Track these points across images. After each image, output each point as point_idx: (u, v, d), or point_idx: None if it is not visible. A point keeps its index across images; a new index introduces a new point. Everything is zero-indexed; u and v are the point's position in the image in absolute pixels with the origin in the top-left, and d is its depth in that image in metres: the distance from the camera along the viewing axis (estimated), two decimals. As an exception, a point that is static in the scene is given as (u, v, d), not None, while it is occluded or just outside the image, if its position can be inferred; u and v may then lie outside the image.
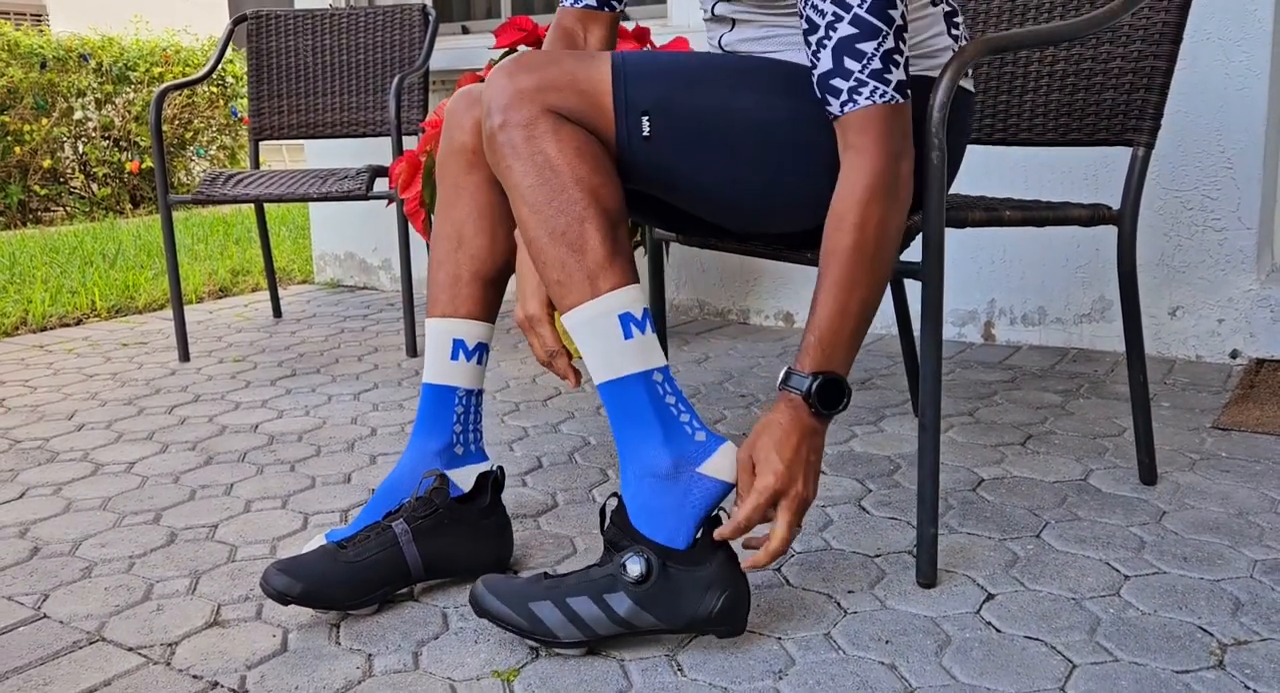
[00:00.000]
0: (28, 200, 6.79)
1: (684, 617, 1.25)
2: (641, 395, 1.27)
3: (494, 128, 1.29)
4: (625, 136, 1.31)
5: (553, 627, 1.24)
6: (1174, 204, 2.52)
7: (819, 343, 1.26)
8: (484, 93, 1.31)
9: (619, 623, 1.24)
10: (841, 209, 1.25)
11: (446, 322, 1.48)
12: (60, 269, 4.35)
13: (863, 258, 1.24)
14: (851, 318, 1.26)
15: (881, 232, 1.25)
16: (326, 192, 2.73)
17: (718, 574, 1.26)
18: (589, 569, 1.28)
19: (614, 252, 1.27)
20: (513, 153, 1.28)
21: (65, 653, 1.32)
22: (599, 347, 1.27)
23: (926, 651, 1.26)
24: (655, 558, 1.24)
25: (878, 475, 1.84)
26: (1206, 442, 1.96)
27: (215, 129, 7.89)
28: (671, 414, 1.28)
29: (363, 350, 2.94)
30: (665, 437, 1.27)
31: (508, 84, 1.28)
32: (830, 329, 1.26)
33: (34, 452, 2.11)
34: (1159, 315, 2.57)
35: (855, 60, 1.23)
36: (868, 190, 1.24)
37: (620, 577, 1.24)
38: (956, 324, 2.84)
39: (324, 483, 1.89)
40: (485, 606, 1.27)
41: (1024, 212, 1.57)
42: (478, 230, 1.48)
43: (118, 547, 1.63)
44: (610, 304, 1.26)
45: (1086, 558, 1.49)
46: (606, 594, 1.24)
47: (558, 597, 1.25)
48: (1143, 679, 1.18)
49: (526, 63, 1.30)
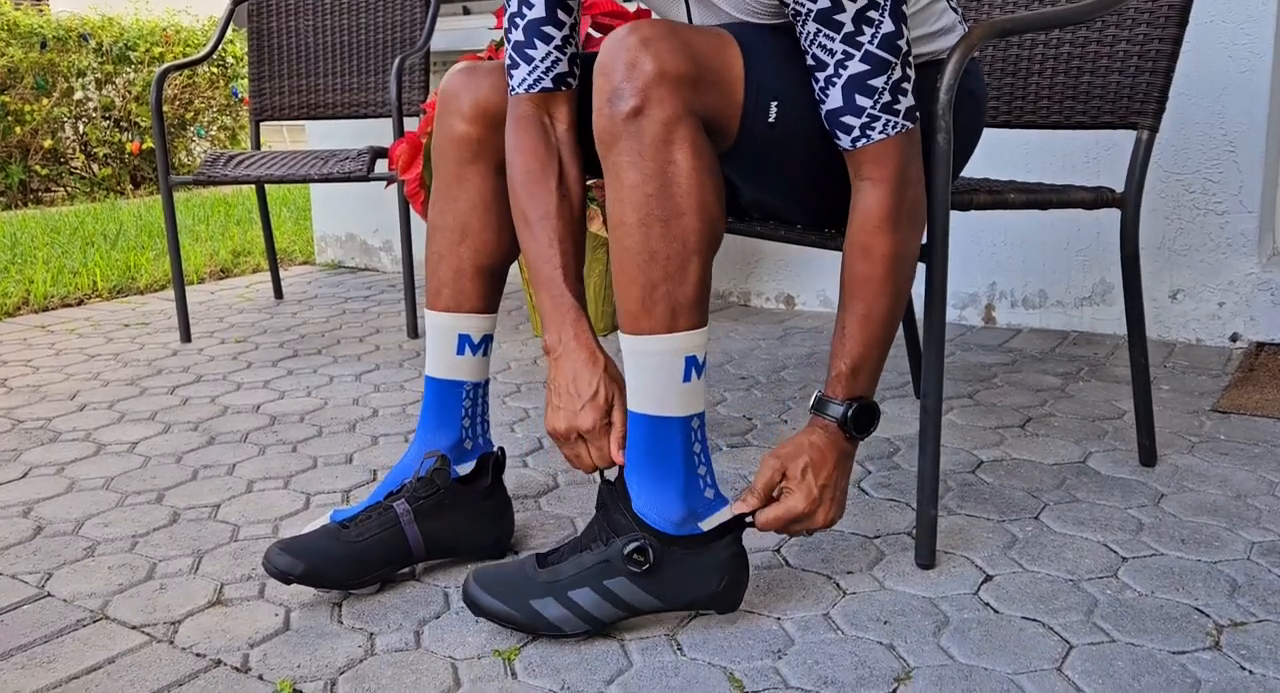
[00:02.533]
0: (28, 180, 6.79)
1: (686, 598, 1.26)
2: (677, 439, 1.24)
3: (622, 113, 1.16)
4: (749, 124, 1.24)
5: (557, 622, 1.23)
6: (1176, 187, 2.52)
7: (851, 371, 1.29)
8: (609, 63, 1.17)
9: (622, 607, 1.24)
10: (864, 240, 1.25)
11: (451, 317, 1.45)
12: (61, 249, 4.35)
13: (889, 286, 1.26)
14: (881, 343, 1.29)
15: (904, 257, 1.27)
16: (327, 173, 2.73)
17: (721, 558, 1.27)
18: (582, 554, 1.25)
19: (706, 289, 1.23)
20: (639, 152, 1.16)
21: (69, 631, 1.32)
22: (655, 381, 1.23)
23: (925, 631, 1.27)
24: (657, 543, 1.24)
25: (877, 457, 1.85)
26: (1206, 425, 1.96)
27: (216, 110, 7.88)
28: (694, 465, 1.26)
29: (364, 331, 2.94)
30: (684, 488, 1.25)
31: (646, 61, 1.15)
32: (862, 357, 1.28)
33: (37, 432, 2.11)
34: (1160, 299, 2.58)
35: (867, 96, 1.21)
36: (889, 221, 1.24)
37: (618, 562, 1.23)
38: (957, 307, 2.84)
39: (325, 463, 1.89)
40: (483, 605, 1.25)
41: (1028, 194, 1.57)
42: (484, 225, 1.44)
43: (120, 526, 1.64)
44: (683, 344, 1.22)
45: (1085, 540, 1.50)
46: (607, 581, 1.23)
47: (559, 592, 1.23)
48: (1139, 660, 1.19)
49: (664, 37, 1.16)
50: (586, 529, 1.28)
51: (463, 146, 1.42)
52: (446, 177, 1.45)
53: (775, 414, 2.10)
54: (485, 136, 1.42)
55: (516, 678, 1.19)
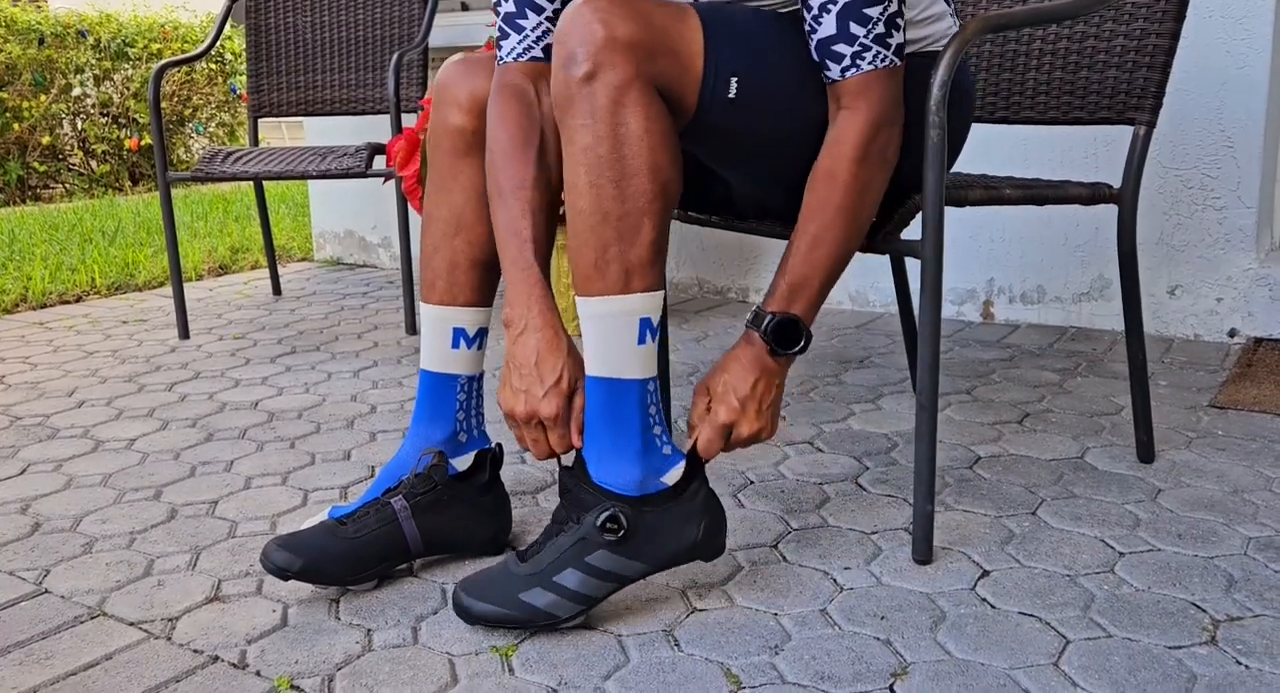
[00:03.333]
0: (27, 177, 6.78)
1: (669, 553, 1.28)
2: (633, 401, 1.25)
3: (575, 78, 1.18)
4: (709, 98, 1.25)
5: (550, 609, 1.24)
6: (1174, 183, 2.52)
7: (788, 288, 1.29)
8: (566, 30, 1.19)
9: (611, 579, 1.25)
10: (831, 166, 1.26)
11: (445, 309, 1.45)
12: (60, 246, 4.35)
13: (846, 215, 1.27)
14: (825, 270, 1.29)
15: (868, 191, 1.27)
16: (325, 169, 2.72)
17: (693, 507, 1.29)
18: (557, 539, 1.25)
19: (660, 251, 1.24)
20: (591, 114, 1.18)
21: (67, 627, 1.33)
22: (610, 342, 1.24)
23: (921, 626, 1.27)
24: (626, 508, 1.24)
25: (875, 453, 1.85)
26: (1203, 420, 1.97)
27: (214, 106, 7.87)
28: (649, 425, 1.27)
29: (362, 328, 2.94)
30: (642, 448, 1.26)
31: (599, 28, 1.17)
32: (803, 277, 1.28)
33: (35, 428, 2.11)
34: (1158, 294, 2.58)
35: (861, 25, 1.23)
36: (861, 149, 1.25)
37: (594, 536, 1.24)
38: (955, 303, 2.84)
39: (324, 460, 1.89)
40: (476, 612, 1.25)
41: (1024, 190, 1.57)
42: (478, 217, 1.43)
43: (118, 523, 1.64)
44: (637, 305, 1.23)
45: (1082, 535, 1.50)
46: (588, 557, 1.24)
47: (544, 580, 1.24)
48: (1135, 655, 1.19)
49: (619, 4, 1.19)
50: (555, 515, 1.29)
51: (457, 138, 1.42)
52: (441, 168, 1.44)
53: (773, 410, 2.10)
54: (480, 128, 1.41)
55: (514, 674, 1.19)
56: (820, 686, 1.15)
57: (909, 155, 1.37)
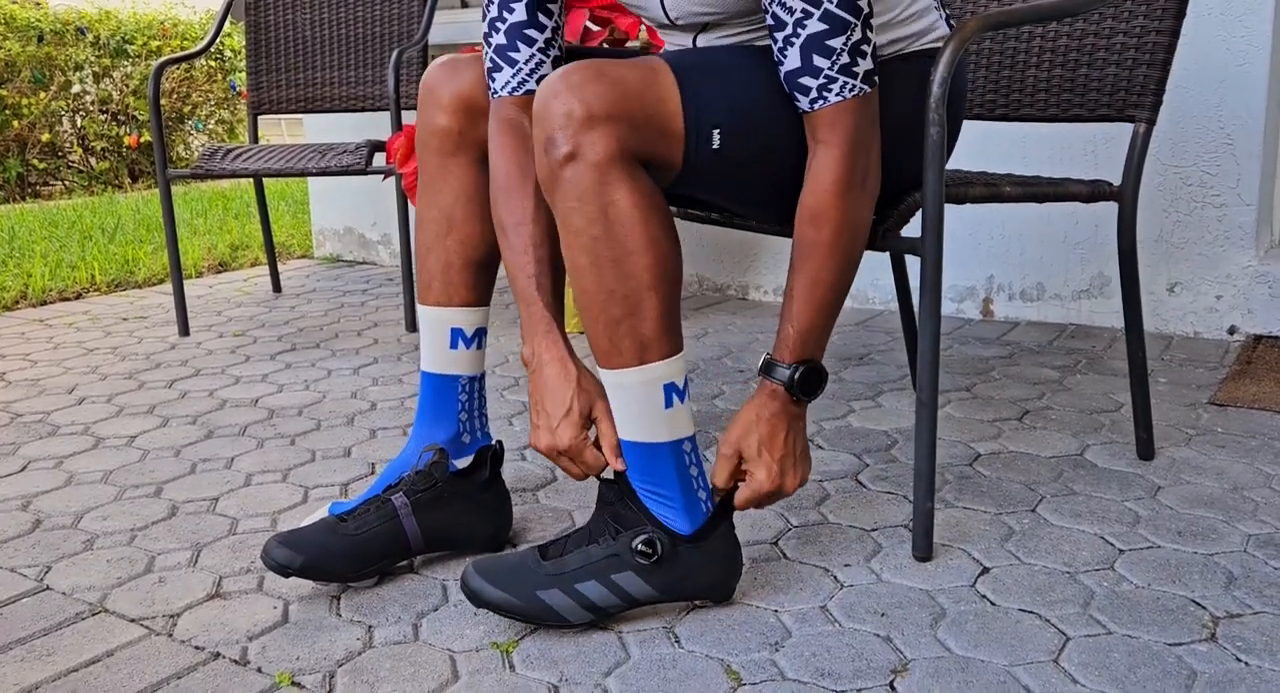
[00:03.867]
0: (26, 174, 6.78)
1: (688, 590, 1.29)
2: (668, 463, 1.27)
3: (558, 159, 1.18)
4: (693, 154, 1.25)
5: (563, 612, 1.25)
6: (1173, 180, 2.52)
7: (798, 335, 1.28)
8: (542, 110, 1.19)
9: (626, 600, 1.26)
10: (814, 204, 1.25)
11: (442, 311, 1.46)
12: (59, 243, 4.35)
13: (838, 252, 1.26)
14: (829, 308, 1.28)
15: (854, 223, 1.26)
16: (325, 166, 2.72)
17: (721, 548, 1.30)
18: (589, 548, 1.27)
19: (672, 318, 1.24)
20: (579, 197, 1.18)
21: (68, 624, 1.33)
22: (636, 410, 1.25)
23: (921, 623, 1.27)
24: (666, 538, 1.26)
25: (875, 450, 1.85)
26: (1203, 417, 1.97)
27: (214, 103, 7.86)
28: (692, 486, 1.29)
29: (362, 325, 2.94)
30: (685, 505, 1.28)
31: (576, 106, 1.16)
32: (810, 322, 1.28)
33: (35, 425, 2.11)
34: (1157, 292, 2.58)
35: (824, 57, 1.20)
36: (839, 184, 1.23)
37: (627, 557, 1.25)
38: (955, 300, 2.84)
39: (324, 457, 1.90)
40: (487, 596, 1.25)
41: (1024, 187, 1.57)
42: (467, 216, 1.44)
43: (119, 519, 1.64)
44: (657, 374, 1.24)
45: (1081, 532, 1.50)
46: (614, 575, 1.25)
47: (565, 584, 1.25)
48: (1135, 652, 1.19)
49: (593, 79, 1.18)
50: (592, 524, 1.30)
51: (444, 139, 1.43)
52: (430, 169, 1.45)
53: (773, 407, 2.10)
54: (466, 128, 1.42)
55: (514, 670, 1.19)
56: (820, 682, 1.15)
57: (908, 154, 1.38)
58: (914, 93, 1.36)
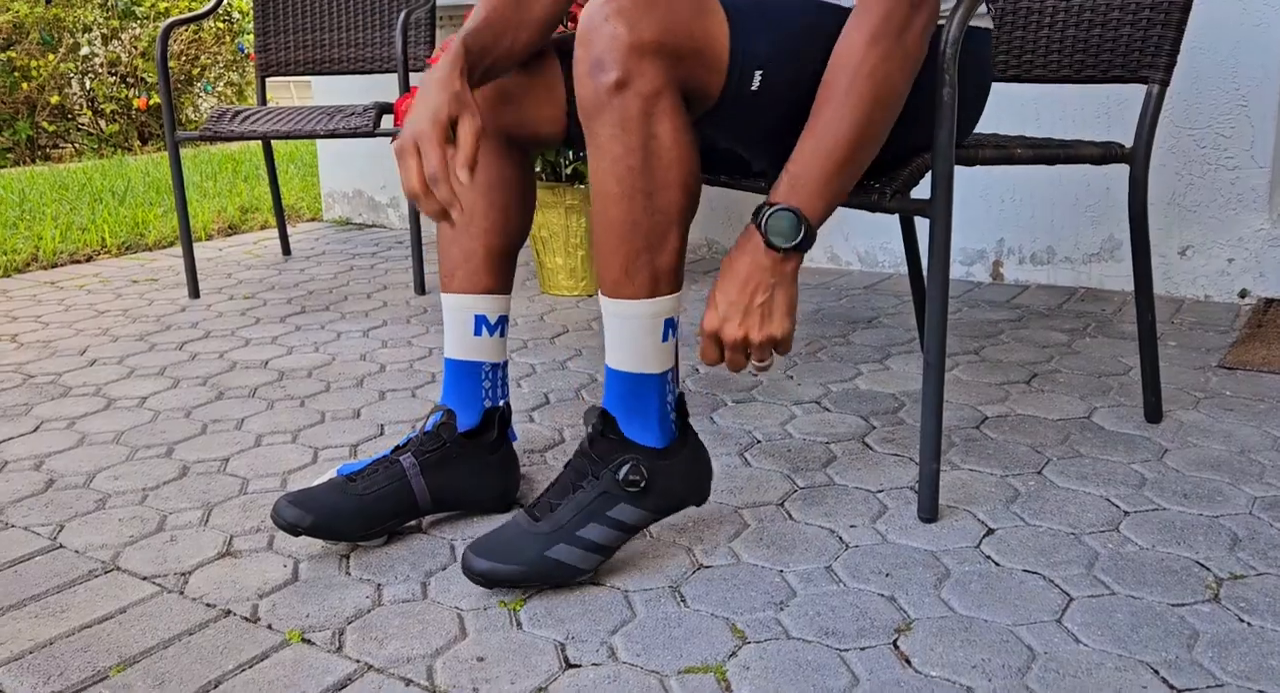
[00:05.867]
0: (36, 136, 6.78)
1: (675, 502, 1.33)
2: (654, 392, 1.30)
3: (606, 86, 1.15)
4: (732, 92, 1.24)
5: (577, 563, 1.27)
6: (1186, 142, 2.50)
7: (790, 178, 1.21)
8: (589, 32, 1.16)
9: (626, 531, 1.29)
10: (841, 50, 1.20)
11: (465, 298, 1.45)
12: (70, 206, 4.35)
13: (858, 101, 1.19)
14: (832, 161, 1.20)
15: (882, 77, 1.19)
16: (333, 128, 2.72)
17: (692, 456, 1.35)
18: (575, 496, 1.28)
19: (683, 255, 1.26)
20: (622, 125, 1.16)
21: (81, 582, 1.34)
22: (635, 342, 1.27)
23: (926, 583, 1.28)
24: (645, 461, 1.29)
25: (882, 413, 1.85)
26: (1212, 381, 1.96)
27: (222, 65, 7.83)
28: (667, 410, 1.32)
29: (371, 288, 2.95)
30: (660, 426, 1.31)
31: (624, 31, 1.14)
32: (806, 167, 1.20)
33: (47, 386, 2.13)
34: (1169, 255, 2.56)
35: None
36: (875, 30, 1.18)
37: (615, 490, 1.28)
38: (965, 263, 2.83)
39: (333, 418, 1.91)
40: (497, 574, 1.25)
41: (1035, 149, 1.56)
42: (490, 204, 1.44)
43: (131, 479, 1.65)
44: (664, 308, 1.26)
45: (1087, 494, 1.51)
46: (610, 511, 1.28)
47: (568, 535, 1.26)
48: (1139, 612, 1.20)
49: (646, 6, 1.15)
50: (567, 474, 1.31)
51: None
52: None
53: (780, 370, 2.10)
54: (486, 114, 1.42)
55: (521, 628, 1.21)
56: (824, 640, 1.16)
57: (918, 115, 1.37)
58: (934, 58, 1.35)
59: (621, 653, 1.15)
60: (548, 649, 1.16)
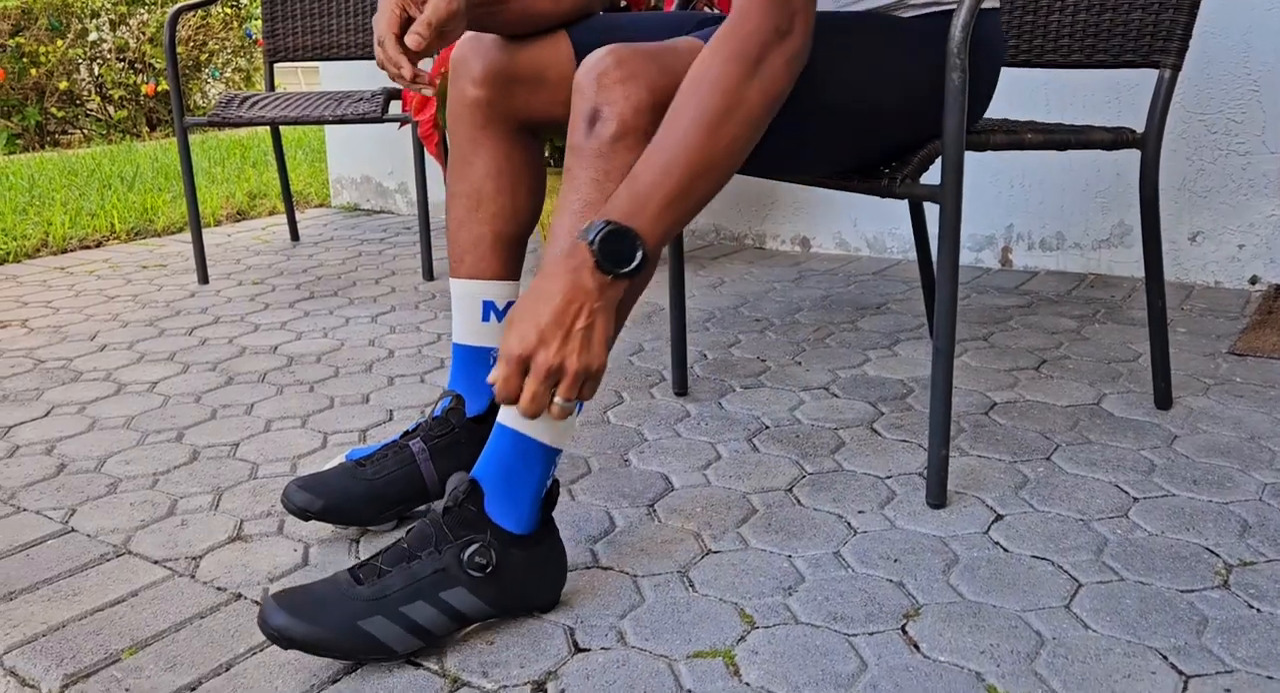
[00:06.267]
0: (45, 122, 6.78)
1: (521, 601, 1.19)
2: (539, 467, 1.18)
3: (603, 136, 1.16)
4: None
5: (390, 643, 1.11)
6: (1197, 128, 2.48)
7: (629, 194, 1.10)
8: (588, 81, 1.17)
9: (457, 619, 1.14)
10: (698, 64, 1.13)
11: (474, 283, 1.45)
12: (79, 192, 4.36)
13: (701, 121, 1.10)
14: (672, 182, 1.09)
15: (732, 100, 1.10)
16: (341, 114, 2.71)
17: (548, 553, 1.21)
18: (410, 566, 1.14)
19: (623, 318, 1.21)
20: (605, 173, 1.16)
21: (93, 565, 1.35)
22: None
23: (934, 569, 1.28)
24: (499, 545, 1.16)
25: (890, 399, 1.85)
26: (1222, 367, 1.96)
27: (230, 51, 7.83)
28: (540, 493, 1.20)
29: (380, 274, 2.95)
30: (530, 508, 1.19)
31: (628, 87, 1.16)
32: (647, 185, 1.10)
33: (58, 371, 2.14)
34: (1179, 241, 2.55)
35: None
36: (731, 50, 1.11)
37: (455, 570, 1.14)
38: (974, 249, 2.82)
39: (343, 403, 1.91)
40: (295, 634, 1.08)
41: (1046, 134, 1.55)
42: (498, 189, 1.43)
43: (142, 464, 1.66)
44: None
45: (1096, 481, 1.50)
46: (443, 592, 1.13)
47: (388, 609, 1.11)
48: (1147, 598, 1.20)
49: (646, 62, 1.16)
50: (414, 537, 1.16)
51: (475, 111, 1.42)
52: (461, 142, 1.44)
53: (789, 356, 2.10)
54: (497, 99, 1.41)
55: (530, 613, 1.21)
56: (833, 626, 1.17)
57: (927, 100, 1.36)
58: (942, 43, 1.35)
59: (630, 637, 1.16)
60: (557, 634, 1.17)
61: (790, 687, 1.06)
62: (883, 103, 1.34)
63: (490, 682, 1.09)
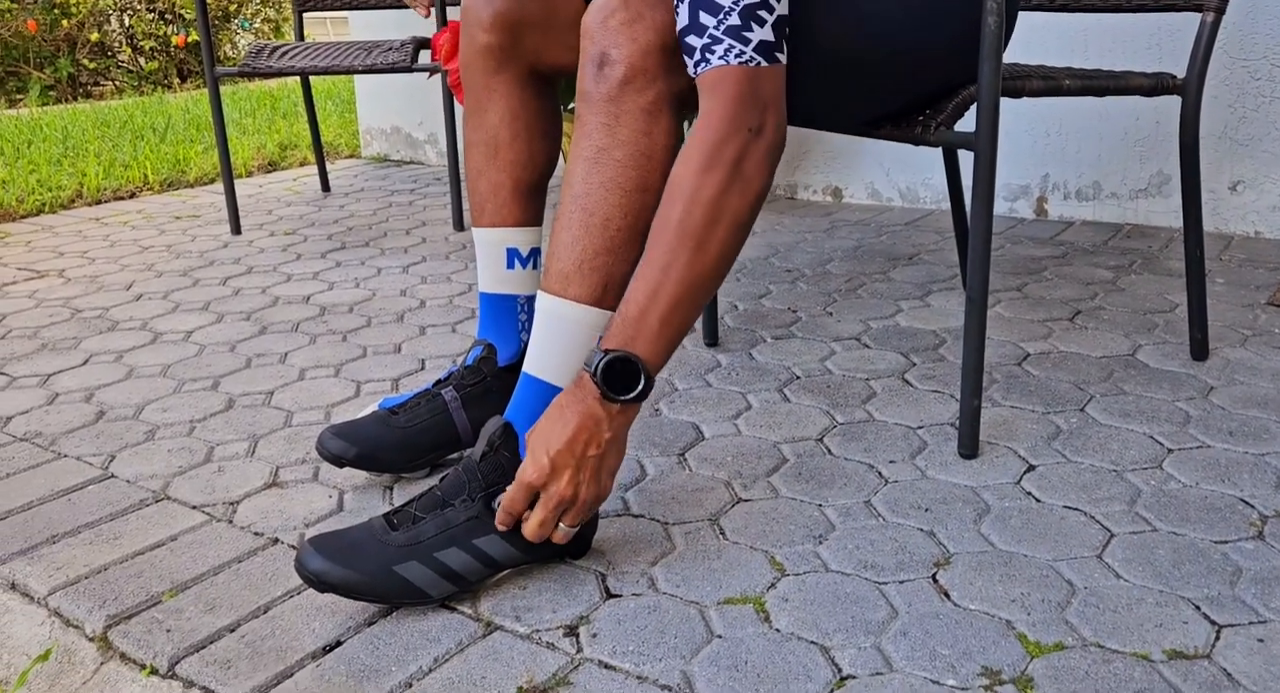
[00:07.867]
0: (77, 74, 6.80)
1: (553, 547, 1.18)
2: None
3: (611, 80, 1.14)
4: None
5: (424, 587, 1.12)
6: (1240, 74, 2.43)
7: (624, 321, 1.10)
8: (596, 24, 1.15)
9: (490, 565, 1.15)
10: (675, 176, 1.11)
11: (496, 231, 1.45)
12: (112, 143, 4.38)
13: (686, 236, 1.09)
14: (666, 300, 1.09)
15: (715, 210, 1.09)
16: (371, 64, 2.70)
17: None
18: (445, 513, 1.15)
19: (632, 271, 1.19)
20: (614, 123, 1.15)
21: (133, 510, 1.37)
22: (570, 352, 1.18)
23: (965, 519, 1.28)
24: None
25: (923, 349, 1.84)
26: (1260, 318, 1.93)
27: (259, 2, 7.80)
28: None
29: (410, 224, 2.95)
30: None
31: (638, 31, 1.13)
32: (643, 309, 1.10)
33: (95, 321, 2.16)
34: (1219, 190, 2.51)
35: (711, 15, 1.08)
36: (706, 159, 1.08)
37: (488, 518, 1.15)
38: (1009, 199, 2.79)
39: (375, 353, 1.92)
40: (332, 578, 1.10)
41: (1084, 81, 1.52)
42: (514, 135, 1.43)
43: (179, 411, 1.68)
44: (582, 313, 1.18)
45: (1130, 432, 1.49)
46: (476, 539, 1.14)
47: (422, 554, 1.12)
48: (1180, 549, 1.20)
49: (655, 6, 1.13)
50: (448, 485, 1.17)
51: (487, 57, 1.41)
52: (476, 90, 1.43)
53: (820, 307, 2.09)
54: (508, 44, 1.40)
55: (563, 559, 1.22)
56: (863, 574, 1.17)
57: (960, 46, 1.34)
58: None
59: (661, 584, 1.17)
60: (589, 580, 1.18)
61: (820, 633, 1.07)
62: (917, 48, 1.32)
63: (523, 626, 1.10)
